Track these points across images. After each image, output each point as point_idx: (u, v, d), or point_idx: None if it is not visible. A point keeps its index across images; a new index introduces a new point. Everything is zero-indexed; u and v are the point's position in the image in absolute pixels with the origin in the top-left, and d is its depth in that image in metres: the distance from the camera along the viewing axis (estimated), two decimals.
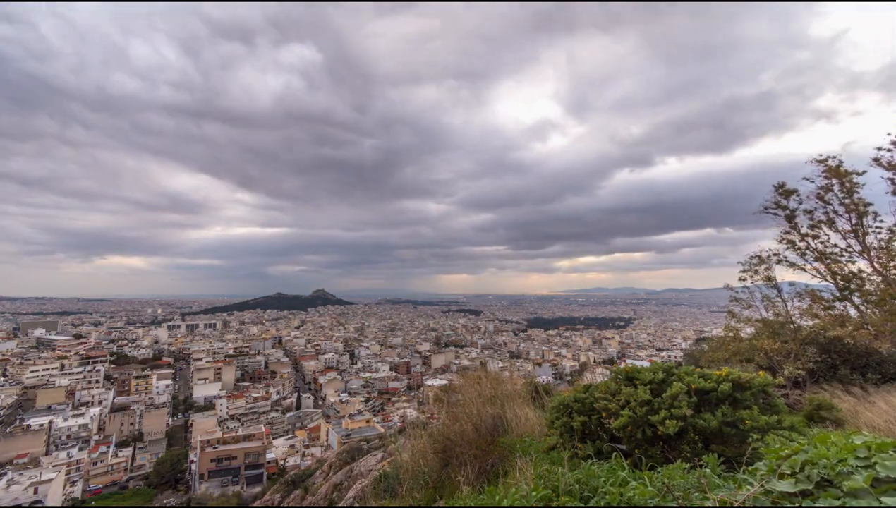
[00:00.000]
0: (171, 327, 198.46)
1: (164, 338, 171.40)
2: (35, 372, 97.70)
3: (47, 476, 49.33)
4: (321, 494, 15.22)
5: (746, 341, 13.05)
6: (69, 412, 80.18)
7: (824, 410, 6.85)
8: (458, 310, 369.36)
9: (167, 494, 57.80)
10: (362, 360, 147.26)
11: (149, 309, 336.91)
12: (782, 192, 13.60)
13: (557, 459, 4.08)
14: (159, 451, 73.48)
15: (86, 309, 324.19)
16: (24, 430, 67.68)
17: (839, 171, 12.33)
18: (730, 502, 1.74)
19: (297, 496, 19.03)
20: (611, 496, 2.34)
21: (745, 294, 14.61)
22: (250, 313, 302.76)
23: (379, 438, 28.01)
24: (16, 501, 44.24)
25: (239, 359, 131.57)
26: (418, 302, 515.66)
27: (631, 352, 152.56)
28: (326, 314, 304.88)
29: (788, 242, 13.56)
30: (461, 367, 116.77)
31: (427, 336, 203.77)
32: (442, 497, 5.57)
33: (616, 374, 4.94)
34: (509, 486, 3.39)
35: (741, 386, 4.19)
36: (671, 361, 13.57)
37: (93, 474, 63.67)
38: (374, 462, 14.22)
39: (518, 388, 8.20)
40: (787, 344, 10.75)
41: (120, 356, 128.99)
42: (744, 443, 3.74)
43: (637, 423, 4.09)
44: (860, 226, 12.19)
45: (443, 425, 7.15)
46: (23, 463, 55.42)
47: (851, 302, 12.59)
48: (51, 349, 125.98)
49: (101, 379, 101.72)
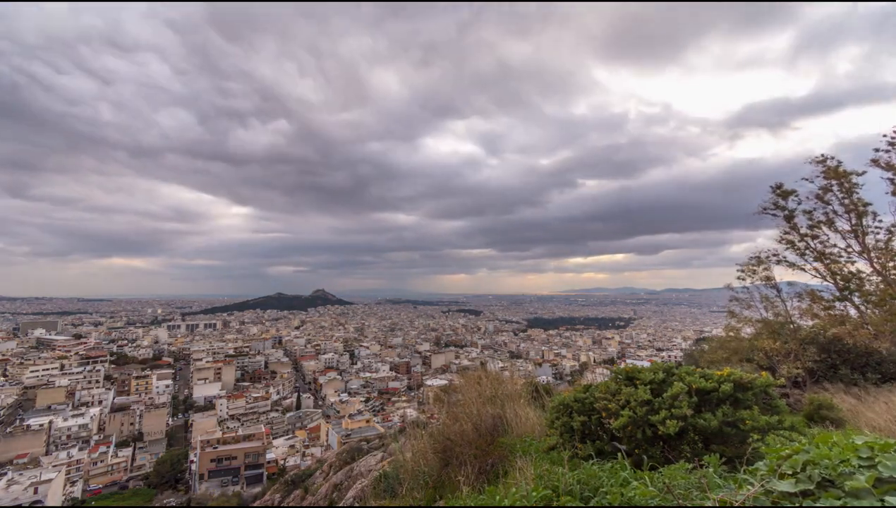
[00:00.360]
0: (171, 327, 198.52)
1: (164, 338, 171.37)
2: (35, 372, 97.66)
3: (47, 476, 49.30)
4: (321, 494, 15.22)
5: (746, 341, 13.08)
6: (69, 412, 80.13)
7: (824, 410, 6.85)
8: (458, 310, 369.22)
9: (167, 494, 57.77)
10: (362, 360, 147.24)
11: (149, 309, 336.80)
12: (780, 193, 13.60)
13: (557, 459, 4.07)
14: (159, 451, 73.44)
15: (86, 309, 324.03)
16: (24, 430, 67.65)
17: (838, 172, 12.33)
18: (730, 502, 1.74)
19: (297, 496, 19.02)
20: (612, 496, 2.34)
21: (745, 294, 14.64)
22: (250, 313, 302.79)
23: (379, 438, 28.00)
24: (16, 501, 44.22)
25: (239, 359, 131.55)
26: (418, 303, 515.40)
27: (631, 352, 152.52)
28: (326, 314, 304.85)
29: (788, 242, 13.57)
30: (461, 367, 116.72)
31: (427, 336, 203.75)
32: (442, 497, 5.57)
33: (616, 374, 4.94)
34: (509, 486, 3.39)
35: (742, 386, 4.18)
36: (671, 361, 13.58)
37: (93, 474, 63.66)
38: (374, 462, 14.21)
39: (518, 388, 8.19)
40: (787, 343, 10.76)
41: (120, 356, 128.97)
42: (744, 443, 3.74)
43: (637, 423, 4.08)
44: (860, 226, 12.19)
45: (443, 425, 7.15)
46: (23, 463, 55.40)
47: (851, 302, 12.59)
48: (51, 349, 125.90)
49: (101, 379, 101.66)
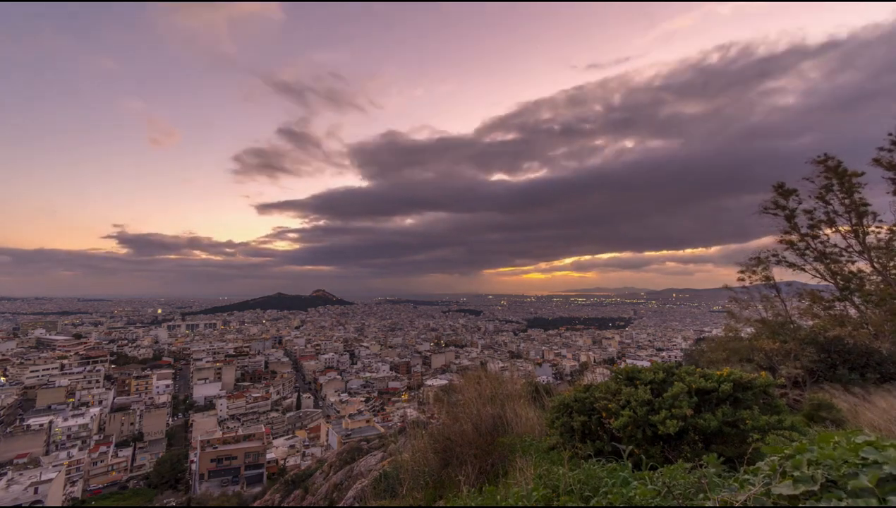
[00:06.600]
0: (171, 327, 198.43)
1: (164, 338, 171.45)
2: (35, 372, 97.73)
3: (47, 476, 49.28)
4: (321, 494, 15.22)
5: (746, 341, 13.07)
6: (69, 412, 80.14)
7: (824, 410, 6.84)
8: (458, 310, 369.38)
9: (167, 494, 57.74)
10: (362, 360, 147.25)
11: (149, 309, 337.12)
12: (781, 193, 13.60)
13: (557, 459, 4.07)
14: (159, 451, 73.46)
15: (86, 309, 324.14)
16: (24, 430, 67.67)
17: (839, 171, 12.32)
18: (731, 502, 1.73)
19: (297, 496, 19.02)
20: (612, 496, 2.33)
21: (745, 294, 14.65)
22: (250, 313, 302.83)
23: (379, 438, 28.01)
24: (16, 501, 44.20)
25: (239, 359, 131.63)
26: (418, 302, 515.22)
27: (631, 352, 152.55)
28: (326, 314, 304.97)
29: (788, 242, 13.57)
30: (461, 367, 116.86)
31: (427, 336, 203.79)
32: (442, 497, 5.56)
33: (616, 374, 4.93)
34: (510, 486, 3.39)
35: (742, 386, 4.18)
36: (671, 361, 13.57)
37: (93, 474, 63.68)
38: (374, 462, 14.22)
39: (518, 388, 8.18)
40: (787, 343, 10.75)
41: (120, 356, 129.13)
42: (744, 443, 3.74)
43: (637, 423, 4.08)
44: (860, 225, 12.18)
45: (443, 425, 7.15)
46: (23, 463, 55.33)
47: (851, 302, 12.59)
48: (51, 349, 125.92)
49: (101, 379, 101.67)
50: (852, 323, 12.24)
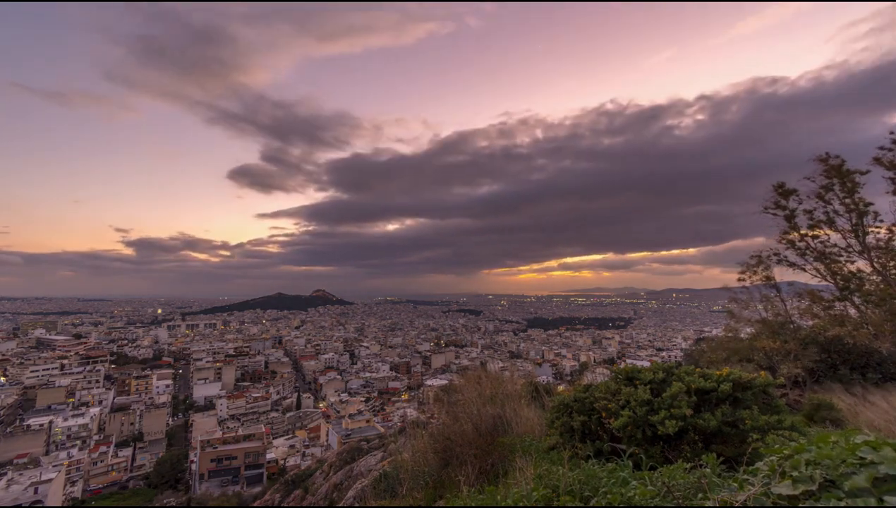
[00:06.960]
0: (171, 327, 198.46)
1: (164, 338, 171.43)
2: (35, 372, 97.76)
3: (47, 476, 49.29)
4: (321, 494, 15.23)
5: (746, 341, 13.07)
6: (69, 412, 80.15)
7: (824, 410, 6.85)
8: (458, 310, 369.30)
9: (167, 494, 57.72)
10: (362, 360, 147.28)
11: (149, 309, 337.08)
12: (782, 192, 13.58)
13: (557, 459, 4.07)
14: (159, 451, 73.48)
15: (86, 309, 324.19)
16: (24, 430, 67.69)
17: (840, 171, 12.31)
18: (730, 502, 1.74)
19: (297, 496, 19.03)
20: (612, 496, 2.34)
21: (745, 294, 14.64)
22: (250, 313, 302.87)
23: (379, 438, 28.04)
24: (16, 501, 44.21)
25: (239, 359, 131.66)
26: (418, 302, 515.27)
27: (631, 352, 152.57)
28: (326, 314, 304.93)
29: (788, 242, 13.55)
30: (461, 367, 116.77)
31: (427, 336, 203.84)
32: (442, 497, 5.56)
33: (616, 374, 4.94)
34: (510, 486, 3.39)
35: (742, 385, 4.18)
36: (671, 361, 13.57)
37: (93, 474, 63.70)
38: (374, 462, 14.23)
39: (518, 388, 8.19)
40: (787, 343, 10.76)
41: (120, 356, 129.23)
42: (744, 443, 3.74)
43: (637, 423, 4.08)
44: (860, 225, 12.17)
45: (443, 425, 7.15)
46: (23, 463, 55.36)
47: (851, 302, 12.57)
48: (51, 349, 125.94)
49: (102, 379, 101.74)
50: (852, 323, 12.23)
